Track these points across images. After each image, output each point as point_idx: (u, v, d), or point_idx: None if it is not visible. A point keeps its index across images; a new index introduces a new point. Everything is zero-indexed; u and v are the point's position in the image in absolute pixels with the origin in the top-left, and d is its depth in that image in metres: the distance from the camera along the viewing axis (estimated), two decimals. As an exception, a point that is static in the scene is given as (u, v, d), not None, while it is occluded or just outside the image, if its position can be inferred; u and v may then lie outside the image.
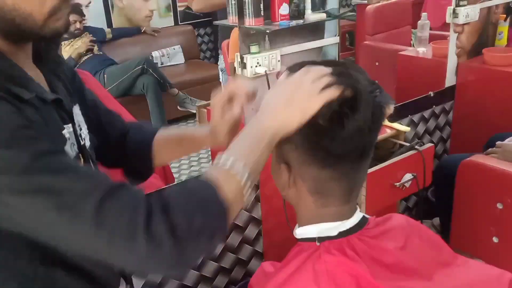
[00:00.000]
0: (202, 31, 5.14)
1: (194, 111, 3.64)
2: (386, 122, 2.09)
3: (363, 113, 0.81)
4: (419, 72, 2.91)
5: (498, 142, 2.09)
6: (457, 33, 2.60)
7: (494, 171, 1.98)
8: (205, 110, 2.38)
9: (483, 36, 2.73)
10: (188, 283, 1.94)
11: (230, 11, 1.86)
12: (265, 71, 1.84)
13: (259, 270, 1.41)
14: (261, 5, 1.78)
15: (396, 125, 2.11)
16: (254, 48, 1.85)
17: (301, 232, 0.94)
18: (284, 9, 1.81)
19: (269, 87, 1.90)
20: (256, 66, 1.85)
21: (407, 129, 2.13)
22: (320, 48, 2.09)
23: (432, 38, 3.97)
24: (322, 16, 1.89)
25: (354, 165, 0.86)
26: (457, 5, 2.49)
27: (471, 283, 0.93)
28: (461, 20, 2.50)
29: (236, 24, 1.86)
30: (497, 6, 2.73)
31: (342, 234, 0.89)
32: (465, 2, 2.49)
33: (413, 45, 3.95)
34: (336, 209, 0.90)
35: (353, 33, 3.74)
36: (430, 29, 4.25)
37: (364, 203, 1.64)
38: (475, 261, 1.01)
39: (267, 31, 1.81)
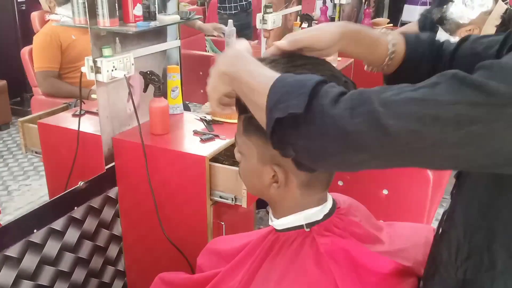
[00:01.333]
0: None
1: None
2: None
3: None
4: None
5: None
6: (266, 38, 2.86)
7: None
8: (34, 126, 2.08)
9: (284, 40, 3.06)
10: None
11: (76, 11, 1.69)
12: (125, 75, 1.73)
13: (206, 249, 1.34)
14: (116, 5, 1.67)
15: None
16: (107, 51, 1.72)
17: (283, 222, 0.95)
18: (138, 10, 1.73)
19: (130, 92, 1.80)
20: (112, 70, 1.72)
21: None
22: (165, 51, 2.06)
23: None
24: (176, 18, 1.87)
25: None
26: (265, 12, 2.75)
27: (409, 234, 1.08)
28: (270, 25, 2.77)
29: (83, 24, 1.70)
30: (291, 14, 3.11)
31: (326, 216, 0.93)
32: (271, 10, 2.77)
33: (208, 51, 4.18)
34: (319, 196, 0.93)
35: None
36: (214, 36, 4.56)
37: (245, 196, 1.70)
38: (393, 222, 1.18)
39: (128, 32, 1.70)
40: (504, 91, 0.58)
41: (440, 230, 0.86)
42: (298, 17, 3.24)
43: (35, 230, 1.61)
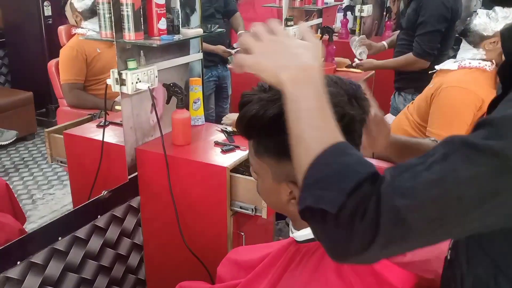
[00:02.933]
0: (-7, 54, 4.51)
1: (2, 143, 3.21)
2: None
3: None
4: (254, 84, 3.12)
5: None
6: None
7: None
8: (60, 136, 2.14)
9: (304, 53, 3.08)
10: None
11: (102, 25, 1.74)
12: (148, 87, 1.77)
13: (226, 259, 1.36)
14: (141, 19, 1.71)
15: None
16: (132, 64, 1.76)
17: (304, 234, 0.96)
18: (162, 24, 1.78)
19: (153, 104, 1.84)
20: (136, 82, 1.76)
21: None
22: (187, 63, 2.10)
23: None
24: (199, 31, 1.91)
25: None
26: (286, 25, 2.78)
27: (428, 248, 1.08)
28: (290, 38, 2.79)
29: (109, 38, 1.75)
30: (312, 26, 3.13)
31: (346, 227, 0.94)
32: (292, 23, 2.80)
33: (230, 63, 4.23)
34: None
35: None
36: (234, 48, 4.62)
37: (265, 207, 1.72)
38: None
39: (152, 45, 1.75)
40: None
41: (448, 257, 0.85)
42: (319, 30, 3.27)
43: (59, 238, 1.65)
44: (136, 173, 1.92)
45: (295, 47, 0.76)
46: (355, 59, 3.06)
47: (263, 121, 0.85)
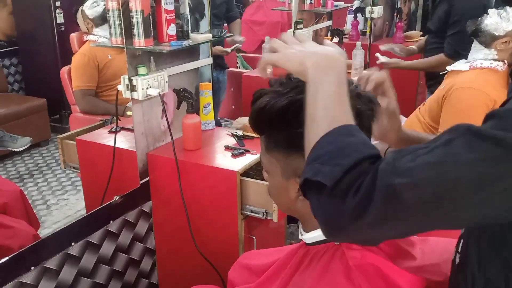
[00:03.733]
0: (7, 62, 4.58)
1: (16, 150, 3.25)
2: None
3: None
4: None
5: None
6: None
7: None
8: (72, 142, 2.16)
9: (314, 55, 3.09)
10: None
11: (113, 32, 1.76)
12: (159, 92, 1.78)
13: (237, 264, 1.36)
14: (151, 25, 1.73)
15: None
16: (142, 70, 1.78)
17: (313, 236, 0.96)
18: (172, 30, 1.79)
19: (164, 109, 1.85)
20: (147, 88, 1.78)
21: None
22: (197, 68, 2.12)
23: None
24: (208, 36, 1.92)
25: None
26: (295, 28, 2.78)
27: (442, 250, 1.07)
28: (300, 41, 2.79)
29: (120, 45, 1.76)
30: (321, 29, 3.13)
31: (355, 230, 0.94)
32: (302, 26, 2.80)
33: (239, 67, 4.25)
34: None
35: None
36: (245, 52, 4.64)
37: (276, 211, 1.72)
38: (427, 237, 1.17)
39: (162, 51, 1.76)
40: None
41: (457, 260, 0.84)
42: (329, 32, 3.26)
43: (72, 243, 1.66)
44: (147, 178, 1.93)
45: (322, 46, 0.80)
46: (379, 56, 2.97)
47: (272, 113, 0.87)
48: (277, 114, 0.86)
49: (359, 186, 0.63)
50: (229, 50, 3.12)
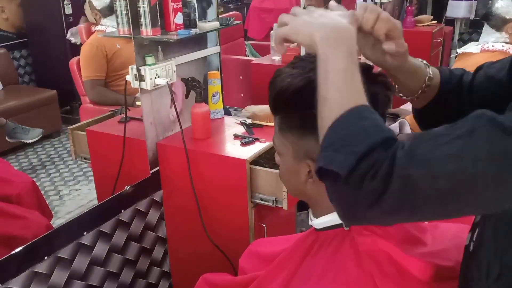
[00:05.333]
0: (17, 54, 4.61)
1: (28, 141, 3.28)
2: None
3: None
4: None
5: None
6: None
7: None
8: (82, 133, 2.18)
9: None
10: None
11: (120, 22, 1.76)
12: (167, 82, 1.78)
13: (247, 252, 1.38)
14: (158, 15, 1.72)
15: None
16: (150, 60, 1.78)
17: (323, 221, 0.96)
18: (179, 18, 1.78)
19: (172, 99, 1.85)
20: (155, 78, 1.78)
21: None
22: (205, 57, 2.11)
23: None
24: (216, 25, 1.91)
25: None
26: (304, 14, 2.75)
27: (453, 235, 1.07)
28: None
29: (127, 35, 1.76)
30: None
31: (366, 215, 0.93)
32: (310, 12, 2.77)
33: (248, 55, 4.23)
34: None
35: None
36: (254, 40, 4.62)
37: (286, 199, 1.72)
38: (438, 223, 1.16)
39: (169, 40, 1.76)
40: None
41: (471, 248, 0.84)
42: (337, 18, 3.22)
43: (85, 233, 1.68)
44: (157, 168, 1.94)
45: (330, 15, 0.78)
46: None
47: (289, 94, 0.87)
48: (294, 94, 0.86)
49: (375, 174, 0.63)
50: None
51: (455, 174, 0.59)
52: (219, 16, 2.11)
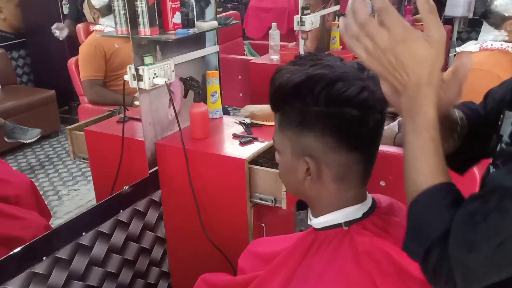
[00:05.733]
0: (15, 54, 4.59)
1: (26, 141, 3.27)
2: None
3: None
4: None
5: None
6: (304, 39, 2.87)
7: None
8: (81, 133, 2.17)
9: (322, 41, 3.07)
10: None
11: (118, 22, 1.75)
12: (165, 82, 1.78)
13: (246, 251, 1.38)
14: (156, 14, 1.72)
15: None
16: (148, 59, 1.77)
17: (322, 221, 0.95)
18: (177, 18, 1.78)
19: (171, 98, 1.85)
20: (153, 77, 1.77)
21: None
22: (204, 57, 2.10)
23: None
24: (214, 24, 1.90)
25: (373, 146, 0.92)
26: (302, 14, 2.76)
27: None
28: (307, 27, 2.77)
29: (125, 34, 1.76)
30: (329, 14, 3.10)
31: (365, 215, 0.93)
32: (309, 11, 2.77)
33: (246, 54, 4.22)
34: (356, 192, 0.94)
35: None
36: (252, 39, 4.61)
37: (285, 198, 1.71)
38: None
39: (168, 40, 1.75)
40: None
41: None
42: (336, 17, 3.23)
43: (84, 233, 1.68)
44: (156, 168, 1.93)
45: (416, 46, 0.72)
46: None
47: (288, 89, 0.87)
48: (293, 89, 0.86)
49: (441, 272, 0.71)
50: None
51: (503, 246, 0.65)
52: (218, 16, 2.10)
